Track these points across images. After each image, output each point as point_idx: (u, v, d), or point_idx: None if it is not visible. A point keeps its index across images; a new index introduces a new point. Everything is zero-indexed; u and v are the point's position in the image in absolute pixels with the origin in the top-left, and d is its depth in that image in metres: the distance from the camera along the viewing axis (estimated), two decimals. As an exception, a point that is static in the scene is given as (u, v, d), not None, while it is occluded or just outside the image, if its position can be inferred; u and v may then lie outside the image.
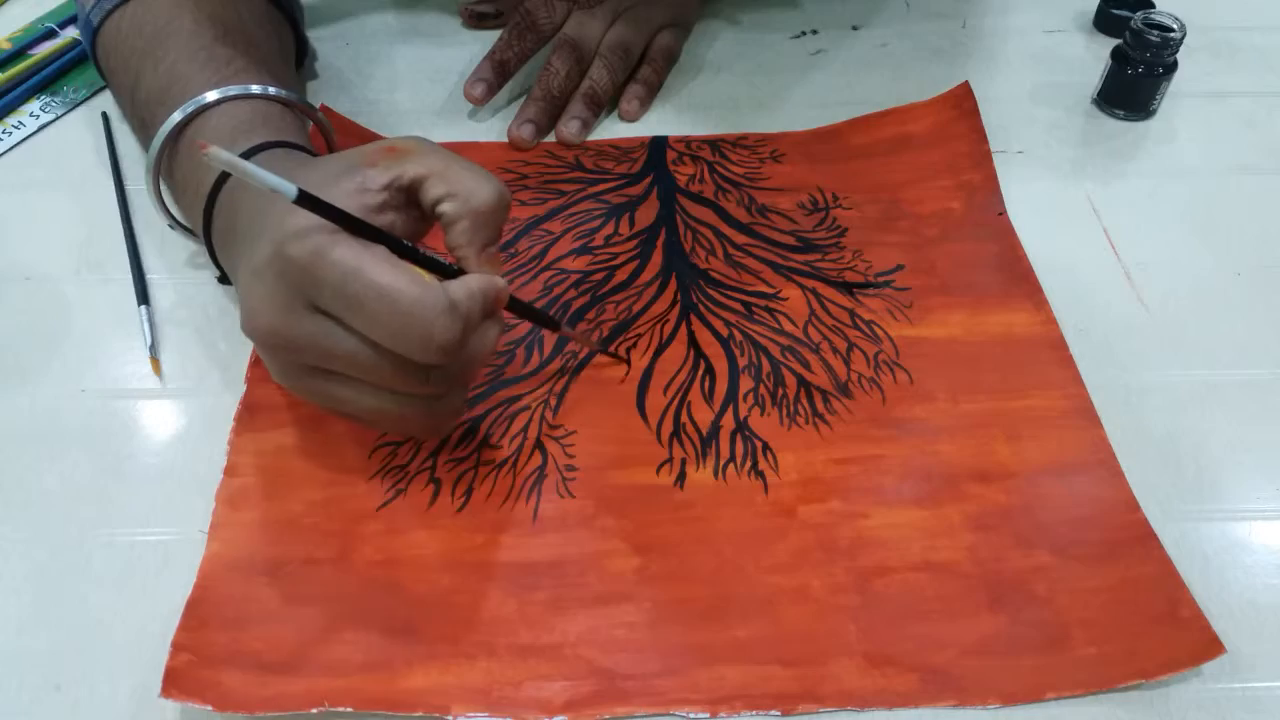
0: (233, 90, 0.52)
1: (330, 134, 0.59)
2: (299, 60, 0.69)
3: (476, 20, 0.76)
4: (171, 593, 0.44)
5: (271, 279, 0.40)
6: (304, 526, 0.46)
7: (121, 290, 0.56)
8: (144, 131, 0.55)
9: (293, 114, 0.55)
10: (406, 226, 0.44)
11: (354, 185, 0.42)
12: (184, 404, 0.51)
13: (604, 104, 0.68)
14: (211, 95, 0.51)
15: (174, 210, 0.55)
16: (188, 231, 0.56)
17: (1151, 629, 0.43)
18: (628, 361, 0.53)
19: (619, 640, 0.43)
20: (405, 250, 0.42)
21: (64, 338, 0.54)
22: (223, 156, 0.36)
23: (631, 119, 0.68)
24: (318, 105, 0.65)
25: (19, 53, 0.72)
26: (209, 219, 0.50)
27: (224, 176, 0.48)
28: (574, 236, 0.60)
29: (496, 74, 0.68)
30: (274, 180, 0.37)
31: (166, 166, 0.54)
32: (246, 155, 0.48)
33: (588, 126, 0.67)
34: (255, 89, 0.53)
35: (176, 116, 0.51)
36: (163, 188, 0.55)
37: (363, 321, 0.40)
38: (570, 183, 0.63)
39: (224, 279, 0.53)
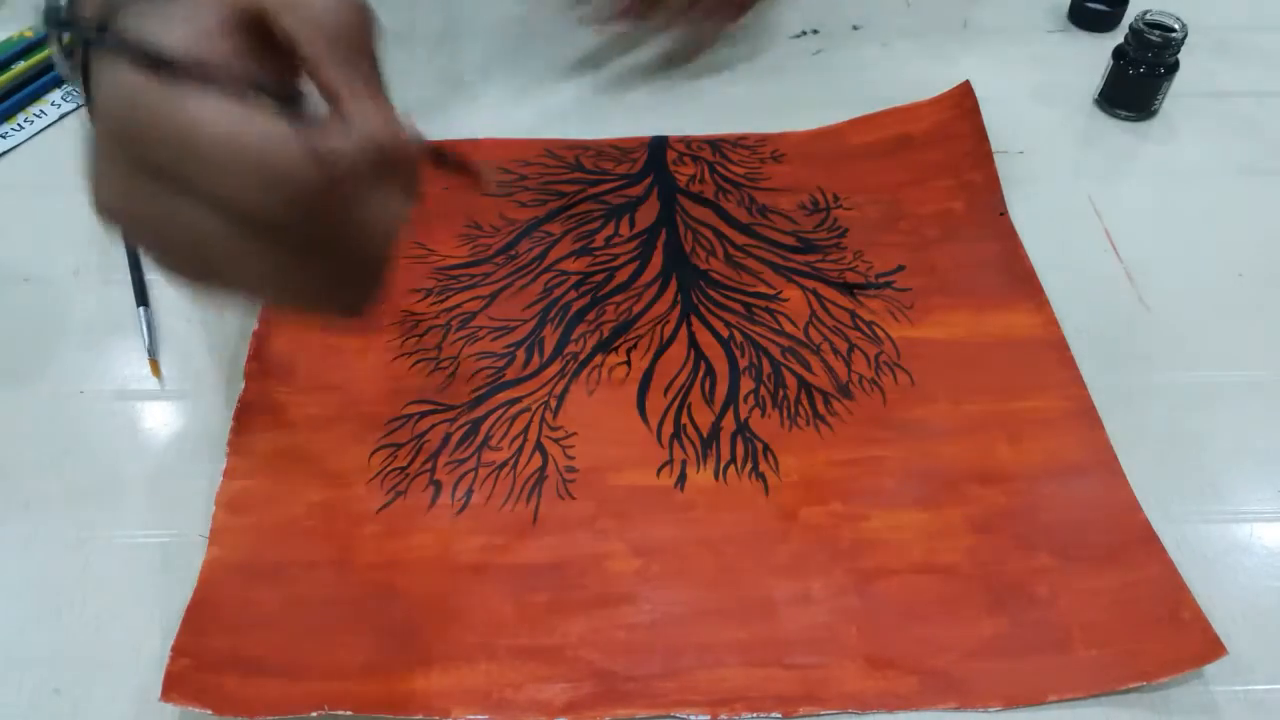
0: None
1: None
2: None
3: None
4: (171, 595, 0.43)
5: (105, 143, 0.34)
6: (303, 529, 0.46)
7: (121, 291, 0.56)
8: None
9: None
10: (267, 76, 0.35)
11: (192, 26, 0.33)
12: (183, 406, 0.51)
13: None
14: None
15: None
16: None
17: (1153, 631, 0.43)
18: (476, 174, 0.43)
19: (619, 642, 0.43)
20: (258, 88, 0.33)
21: (63, 339, 0.54)
22: None
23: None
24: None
25: (39, 42, 0.71)
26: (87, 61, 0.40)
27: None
28: (574, 238, 0.60)
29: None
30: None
31: None
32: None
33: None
34: None
35: None
36: None
37: (205, 175, 0.32)
38: (570, 183, 0.63)
39: None
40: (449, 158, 0.39)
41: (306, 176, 0.32)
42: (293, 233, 0.33)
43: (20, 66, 0.69)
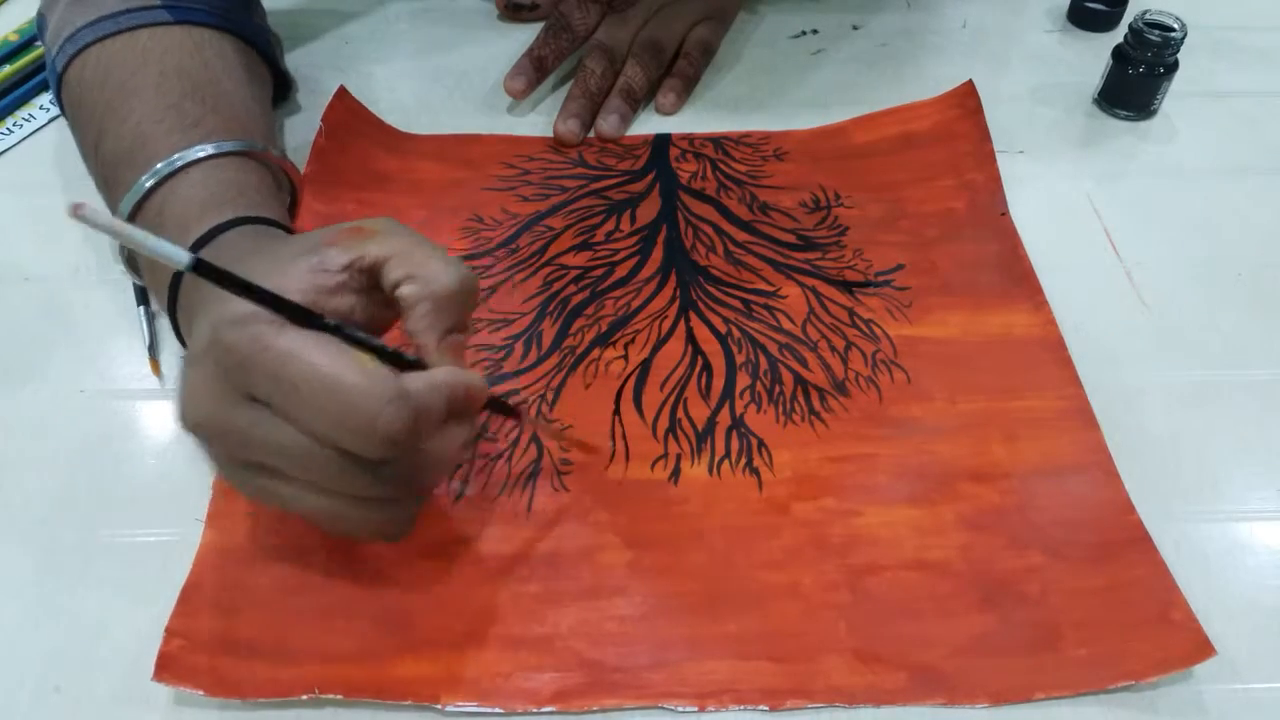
0: (197, 154, 0.50)
1: (296, 189, 0.57)
2: (284, 94, 0.68)
3: (512, 11, 0.77)
4: (171, 594, 0.43)
5: (209, 366, 0.38)
6: (299, 516, 0.46)
7: (121, 290, 0.56)
8: (108, 191, 0.53)
9: (268, 171, 0.53)
10: (367, 311, 0.41)
11: (310, 265, 0.40)
12: (183, 403, 0.51)
13: (640, 99, 0.69)
14: (179, 159, 0.50)
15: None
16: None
17: (1143, 631, 0.43)
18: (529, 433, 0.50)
19: (609, 633, 0.43)
20: (353, 338, 0.39)
21: (64, 338, 0.54)
22: (100, 220, 0.32)
23: (668, 112, 0.69)
24: (335, 89, 0.65)
25: (26, 44, 0.71)
26: (174, 294, 0.47)
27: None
28: (575, 232, 0.60)
29: (535, 69, 0.69)
30: (167, 248, 0.34)
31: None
32: (216, 232, 0.46)
33: (625, 120, 0.68)
34: (227, 146, 0.51)
35: (147, 182, 0.49)
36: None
37: (300, 410, 0.37)
38: (573, 179, 0.64)
39: None
40: (503, 404, 0.46)
41: (396, 418, 0.36)
42: (380, 468, 0.38)
43: (7, 70, 0.69)
